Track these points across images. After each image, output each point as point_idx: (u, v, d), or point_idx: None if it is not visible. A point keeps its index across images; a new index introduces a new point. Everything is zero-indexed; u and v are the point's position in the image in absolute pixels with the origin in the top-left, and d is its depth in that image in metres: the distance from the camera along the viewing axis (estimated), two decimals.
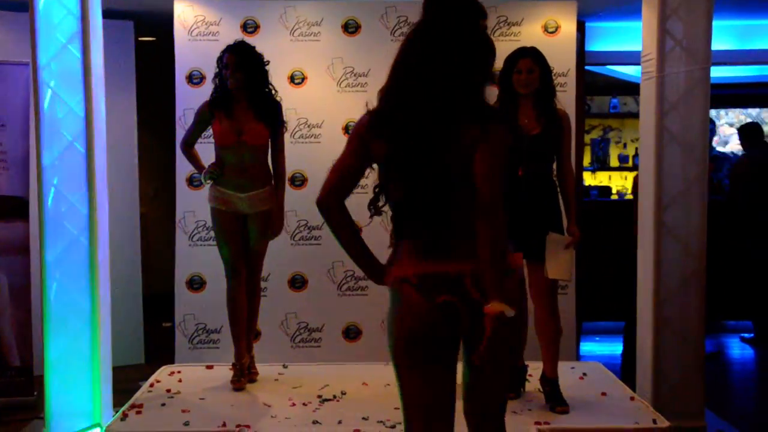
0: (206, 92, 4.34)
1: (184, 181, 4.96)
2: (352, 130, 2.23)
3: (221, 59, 4.10)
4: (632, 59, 5.01)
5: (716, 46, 3.94)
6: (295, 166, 4.85)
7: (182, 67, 4.96)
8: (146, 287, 5.46)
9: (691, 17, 3.82)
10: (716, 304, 4.94)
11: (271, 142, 4.17)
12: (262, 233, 4.19)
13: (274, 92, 4.19)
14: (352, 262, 2.24)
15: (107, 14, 3.95)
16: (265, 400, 4.00)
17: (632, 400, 3.93)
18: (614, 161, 7.86)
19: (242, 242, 4.17)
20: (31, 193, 4.33)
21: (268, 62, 4.17)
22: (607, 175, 7.84)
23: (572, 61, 5.07)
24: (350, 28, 5.02)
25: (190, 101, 4.77)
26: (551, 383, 3.83)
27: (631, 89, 7.06)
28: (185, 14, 4.96)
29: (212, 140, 4.22)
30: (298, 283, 5.00)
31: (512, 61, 3.74)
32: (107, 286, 3.83)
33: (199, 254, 4.94)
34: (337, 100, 5.01)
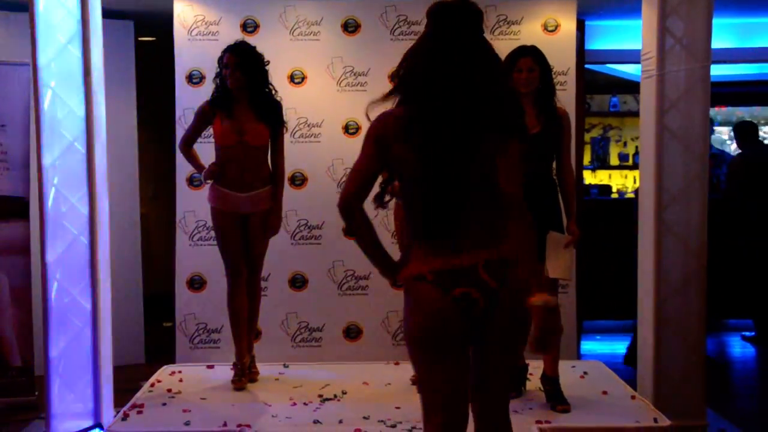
0: (206, 92, 4.34)
1: (184, 180, 4.96)
2: (368, 133, 2.27)
3: (221, 59, 4.10)
4: (632, 57, 5.00)
5: (716, 44, 3.93)
6: (295, 165, 4.85)
7: (182, 66, 4.96)
8: (147, 287, 5.46)
9: (691, 15, 3.82)
10: (717, 302, 4.95)
11: (271, 142, 4.17)
12: (262, 233, 4.19)
13: (274, 92, 4.20)
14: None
15: (107, 14, 3.96)
16: (265, 399, 4.00)
17: (633, 398, 3.93)
18: (614, 160, 7.85)
19: (243, 242, 4.18)
20: (31, 193, 4.33)
21: (268, 62, 4.18)
22: (607, 173, 7.83)
23: (572, 59, 5.06)
24: (350, 27, 5.02)
25: (190, 101, 4.77)
26: (552, 382, 3.83)
27: (631, 88, 7.06)
28: (185, 14, 4.96)
29: (212, 140, 4.22)
30: (298, 282, 5.00)
31: (512, 60, 3.74)
32: (108, 286, 3.83)
33: (199, 254, 4.94)
34: (336, 99, 5.01)
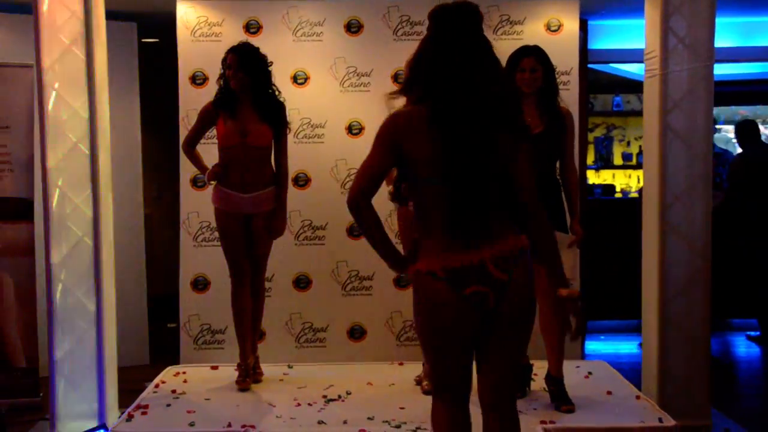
0: (209, 93, 4.34)
1: (188, 181, 4.96)
2: (380, 132, 2.36)
3: (225, 60, 4.11)
4: (635, 57, 5.00)
5: (719, 43, 3.93)
6: (298, 166, 4.85)
7: (185, 67, 4.96)
8: (151, 288, 5.47)
9: (693, 14, 3.81)
10: (722, 302, 4.94)
11: (274, 142, 4.17)
12: (266, 233, 4.19)
13: (277, 93, 4.20)
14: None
15: (110, 16, 3.96)
16: (270, 400, 4.00)
17: (638, 398, 3.92)
18: (618, 159, 7.84)
19: (246, 243, 4.18)
20: (35, 194, 4.33)
21: (271, 63, 4.18)
22: (610, 173, 7.82)
23: (575, 59, 5.06)
24: (353, 27, 5.02)
25: (193, 102, 4.77)
26: (556, 382, 3.83)
27: (634, 87, 7.06)
28: (188, 15, 4.96)
29: (215, 141, 4.23)
30: (302, 283, 5.00)
31: (515, 60, 3.74)
32: (112, 287, 3.84)
33: (203, 255, 4.94)
34: (339, 99, 5.01)
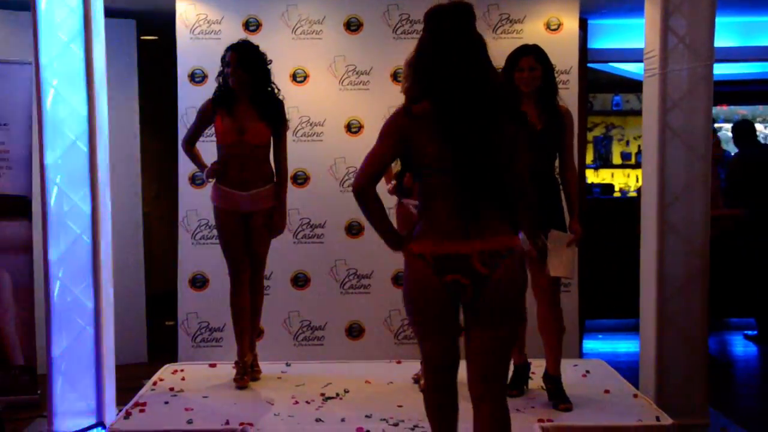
0: (208, 91, 4.34)
1: (186, 179, 4.96)
2: (387, 126, 2.51)
3: (224, 57, 4.11)
4: (635, 56, 5.00)
5: (719, 42, 3.93)
6: (297, 164, 4.85)
7: (184, 65, 4.96)
8: (149, 286, 5.47)
9: (693, 14, 3.81)
10: (720, 301, 4.95)
11: (273, 140, 4.17)
12: (264, 232, 4.19)
13: (276, 91, 4.20)
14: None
15: (109, 13, 3.96)
16: (268, 398, 4.00)
17: (635, 397, 3.92)
18: (617, 159, 7.84)
19: (245, 241, 4.18)
20: (33, 192, 4.33)
21: (270, 61, 4.18)
22: (609, 172, 7.83)
23: (575, 58, 5.06)
24: (352, 26, 5.02)
25: (192, 100, 4.77)
26: (554, 381, 3.83)
27: (633, 86, 7.05)
28: (187, 13, 4.96)
29: (215, 139, 4.22)
30: (300, 281, 5.00)
31: (514, 59, 3.74)
32: (110, 284, 3.83)
33: (201, 253, 4.94)
34: (339, 98, 5.01)
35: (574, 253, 3.81)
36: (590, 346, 5.84)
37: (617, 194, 7.41)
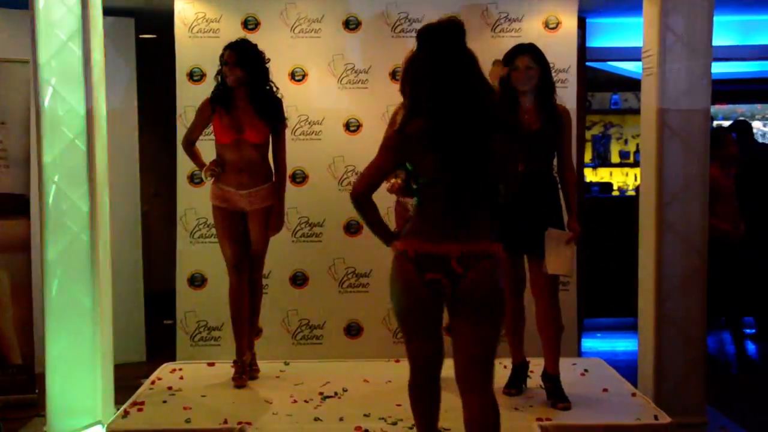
0: (207, 89, 4.34)
1: (185, 178, 4.96)
2: (386, 139, 2.80)
3: (222, 56, 4.10)
4: (633, 55, 5.00)
5: (717, 41, 3.93)
6: (295, 163, 4.84)
7: (183, 64, 4.96)
8: (147, 285, 5.46)
9: (691, 13, 3.81)
10: (718, 300, 4.94)
11: (272, 139, 4.17)
12: (262, 230, 4.19)
13: (275, 89, 4.19)
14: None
15: (107, 11, 3.95)
16: (266, 397, 4.00)
17: (634, 396, 3.93)
18: (615, 157, 7.85)
19: (244, 239, 4.17)
20: (32, 190, 4.32)
21: (268, 60, 4.17)
22: (608, 171, 7.84)
23: (573, 57, 5.06)
24: (351, 24, 5.02)
25: (190, 98, 4.77)
26: (553, 380, 3.83)
27: (632, 85, 7.04)
28: (186, 11, 4.95)
29: (214, 137, 4.22)
30: (299, 280, 5.00)
31: (510, 58, 3.74)
32: (108, 283, 3.84)
33: (200, 252, 4.94)
34: (337, 96, 5.00)
35: (572, 251, 3.81)
36: (589, 344, 5.84)
37: (616, 193, 7.41)
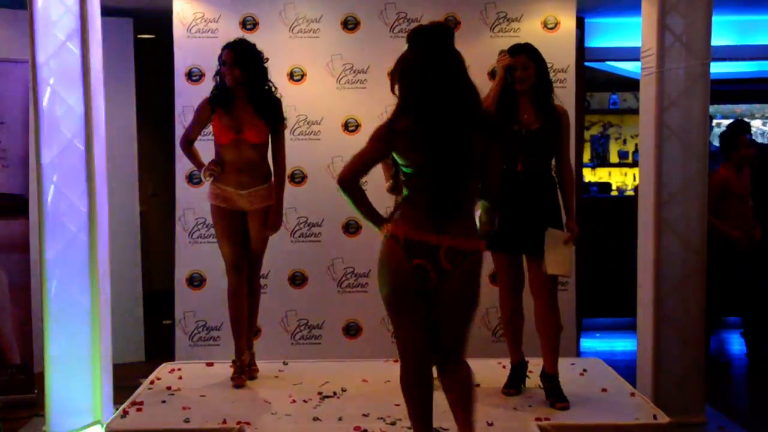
0: (205, 89, 4.34)
1: (183, 178, 4.96)
2: (376, 131, 2.81)
3: (221, 56, 4.10)
4: (632, 55, 5.00)
5: (716, 41, 3.93)
6: (294, 163, 4.84)
7: (181, 64, 4.96)
8: (146, 285, 5.47)
9: (690, 12, 3.82)
10: (717, 300, 4.94)
11: (271, 139, 4.17)
12: (261, 230, 4.18)
13: (273, 89, 4.19)
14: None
15: (106, 11, 3.95)
16: (265, 396, 4.00)
17: (632, 396, 3.93)
18: (614, 157, 7.85)
19: (243, 239, 4.17)
20: (30, 190, 4.33)
21: (267, 59, 4.17)
22: (606, 171, 7.83)
23: (572, 57, 5.06)
24: (349, 24, 5.02)
25: (189, 98, 4.77)
26: (551, 379, 3.83)
27: (630, 85, 7.03)
28: (184, 11, 4.95)
29: (213, 137, 4.22)
30: (298, 280, 5.00)
31: None
32: (107, 283, 3.83)
33: (199, 251, 4.94)
34: (336, 96, 5.01)
35: (571, 251, 3.82)
36: (587, 344, 5.84)
37: (614, 193, 7.41)
